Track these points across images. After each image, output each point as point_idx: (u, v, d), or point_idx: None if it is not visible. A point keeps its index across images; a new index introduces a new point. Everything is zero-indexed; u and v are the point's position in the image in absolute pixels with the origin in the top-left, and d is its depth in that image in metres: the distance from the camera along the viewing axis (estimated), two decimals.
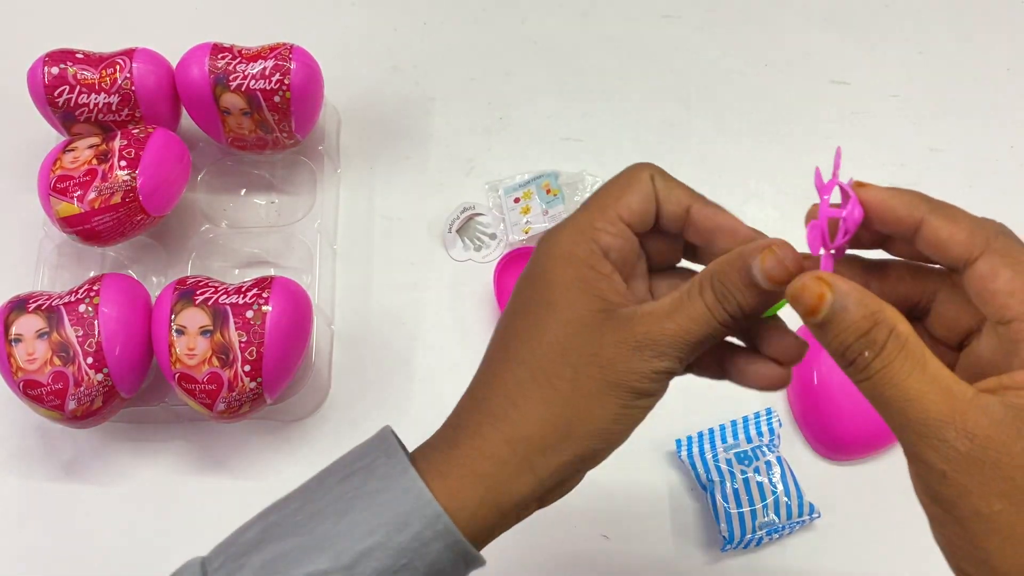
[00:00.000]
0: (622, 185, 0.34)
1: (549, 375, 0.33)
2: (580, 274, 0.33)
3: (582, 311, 0.33)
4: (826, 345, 0.29)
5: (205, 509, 0.57)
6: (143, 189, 0.57)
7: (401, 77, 0.71)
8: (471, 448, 0.33)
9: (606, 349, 0.32)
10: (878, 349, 0.28)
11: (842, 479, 0.58)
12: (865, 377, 0.28)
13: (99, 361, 0.53)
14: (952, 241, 0.29)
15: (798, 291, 0.29)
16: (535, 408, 0.33)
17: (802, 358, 0.36)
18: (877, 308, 0.28)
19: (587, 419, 0.32)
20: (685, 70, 0.72)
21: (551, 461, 0.33)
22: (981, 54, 0.73)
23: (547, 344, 0.33)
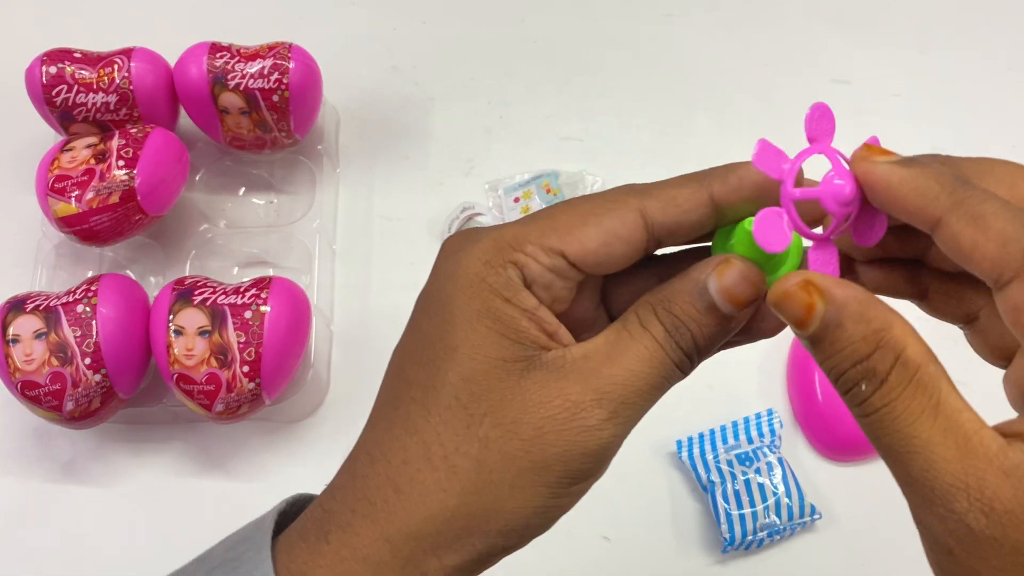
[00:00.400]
0: (587, 211, 0.25)
1: (447, 451, 0.24)
2: (490, 308, 0.25)
3: (493, 360, 0.24)
4: (818, 363, 0.23)
5: (203, 510, 0.57)
6: (141, 189, 0.56)
7: (400, 76, 0.71)
8: (342, 545, 0.25)
9: (530, 412, 0.24)
10: (878, 382, 0.22)
11: (844, 480, 0.58)
12: (862, 414, 0.22)
13: (97, 362, 0.52)
14: (977, 254, 0.22)
15: (780, 299, 0.23)
16: (425, 496, 0.24)
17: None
18: (882, 325, 0.22)
19: (498, 513, 0.24)
20: (686, 69, 0.71)
21: (447, 562, 0.25)
22: (983, 53, 0.73)
23: (444, 406, 0.24)
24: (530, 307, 0.25)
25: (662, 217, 0.25)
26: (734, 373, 0.60)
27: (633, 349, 0.24)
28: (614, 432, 0.24)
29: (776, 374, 0.61)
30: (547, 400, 0.24)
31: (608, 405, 0.24)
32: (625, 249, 0.25)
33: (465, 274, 0.25)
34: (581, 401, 0.24)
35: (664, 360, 0.25)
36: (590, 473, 0.25)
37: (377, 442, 0.26)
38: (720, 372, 0.61)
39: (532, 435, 0.24)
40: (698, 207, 0.25)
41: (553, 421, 0.24)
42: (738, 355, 0.66)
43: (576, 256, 0.25)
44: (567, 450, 0.24)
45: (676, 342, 0.25)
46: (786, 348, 0.61)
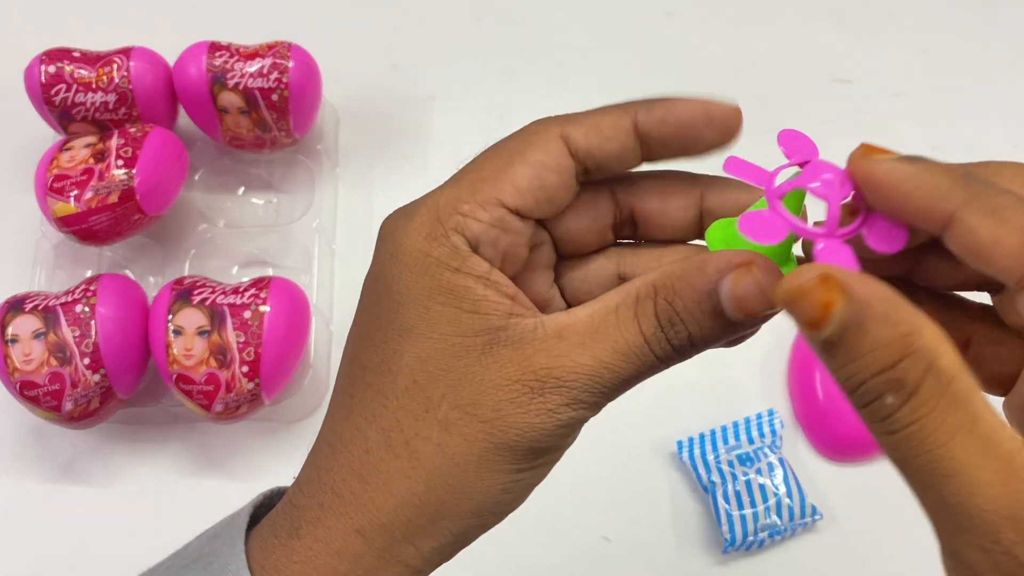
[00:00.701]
0: (511, 150, 0.24)
1: (408, 436, 0.23)
2: (440, 283, 0.23)
3: (449, 337, 0.23)
4: (831, 371, 0.20)
5: (202, 510, 0.57)
6: (140, 188, 0.56)
7: (400, 76, 0.70)
8: (314, 540, 0.24)
9: (488, 393, 0.23)
10: (907, 395, 0.19)
11: (845, 481, 0.58)
12: (886, 431, 0.19)
13: (96, 362, 0.52)
14: (997, 250, 0.19)
15: (792, 296, 0.20)
16: (391, 486, 0.23)
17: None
18: (911, 329, 0.19)
19: (465, 494, 0.23)
20: (687, 68, 0.71)
21: (423, 548, 0.24)
22: (985, 52, 0.73)
23: (401, 390, 0.23)
24: (482, 272, 0.23)
25: (585, 142, 0.24)
26: (735, 373, 0.60)
27: (613, 339, 0.23)
28: (573, 416, 0.23)
29: (777, 374, 0.60)
30: (508, 382, 0.23)
31: (568, 392, 0.23)
32: (557, 179, 0.24)
33: (408, 251, 0.24)
34: (542, 385, 0.23)
35: (645, 356, 0.23)
36: (554, 447, 0.24)
37: (337, 432, 0.25)
38: (721, 372, 0.61)
39: (491, 416, 0.23)
40: (620, 134, 0.24)
41: (512, 404, 0.23)
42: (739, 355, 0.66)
43: (512, 200, 0.24)
44: (525, 431, 0.23)
45: (667, 339, 0.23)
46: (787, 348, 0.61)
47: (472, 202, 0.24)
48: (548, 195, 0.24)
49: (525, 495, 0.25)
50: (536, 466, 0.24)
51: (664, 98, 0.24)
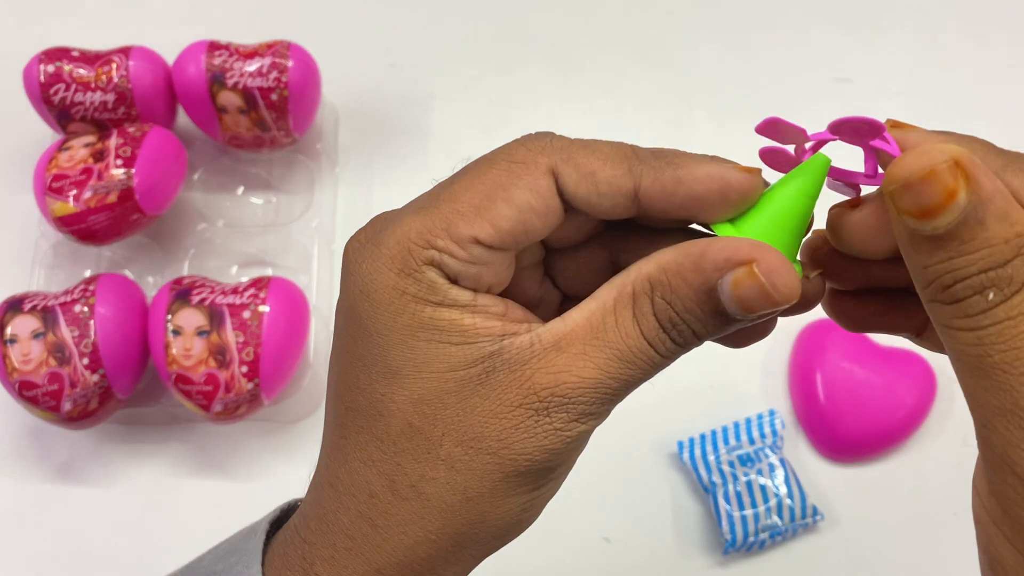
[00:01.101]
0: (493, 182, 0.22)
1: (413, 480, 0.22)
2: (422, 320, 0.22)
3: (441, 375, 0.22)
4: (923, 264, 0.19)
5: (201, 511, 0.57)
6: (139, 188, 0.56)
7: (400, 75, 0.70)
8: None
9: (491, 424, 0.22)
10: (1012, 291, 0.18)
11: (846, 481, 0.58)
12: (972, 326, 0.19)
13: (95, 362, 0.52)
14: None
15: (919, 176, 0.19)
16: (404, 527, 0.23)
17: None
18: (1023, 229, 0.18)
19: (483, 523, 0.23)
20: (687, 67, 0.71)
21: (446, 574, 0.24)
22: (987, 52, 0.72)
23: (397, 434, 0.22)
24: (466, 301, 0.22)
25: (574, 190, 0.22)
26: (736, 373, 0.60)
27: (614, 345, 0.21)
28: (583, 429, 0.22)
29: (778, 374, 0.60)
30: (509, 408, 0.21)
31: (575, 408, 0.22)
32: (543, 220, 0.22)
33: (380, 288, 0.22)
34: (546, 406, 0.21)
35: (652, 358, 0.22)
36: (567, 460, 0.23)
37: (336, 476, 0.24)
38: (722, 372, 0.61)
39: (497, 447, 0.22)
40: (617, 194, 0.22)
41: (517, 430, 0.22)
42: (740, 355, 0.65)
43: (491, 240, 0.22)
44: (535, 456, 0.22)
45: (671, 338, 0.22)
46: (788, 348, 0.60)
47: (447, 238, 0.22)
48: (531, 235, 0.22)
49: (544, 505, 0.24)
50: (551, 480, 0.23)
51: (674, 158, 0.22)
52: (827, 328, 0.59)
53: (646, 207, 0.22)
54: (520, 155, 0.22)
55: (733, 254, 0.21)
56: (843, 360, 0.57)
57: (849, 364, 0.57)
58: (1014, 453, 0.18)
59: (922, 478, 0.57)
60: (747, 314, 0.21)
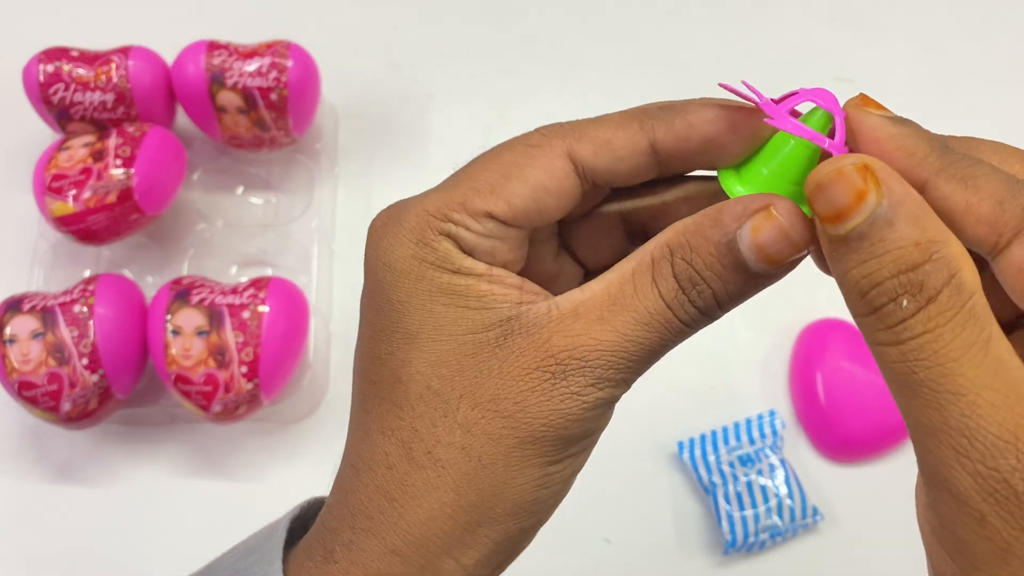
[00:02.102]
0: (509, 162, 0.23)
1: (429, 445, 0.22)
2: (440, 284, 0.22)
3: (459, 336, 0.22)
4: (842, 272, 0.19)
5: (201, 511, 0.57)
6: (139, 188, 0.56)
7: (399, 75, 0.70)
8: (350, 564, 0.23)
9: (508, 386, 0.22)
10: (925, 299, 0.18)
11: (846, 481, 0.58)
12: (892, 340, 0.18)
13: (94, 362, 0.52)
14: (971, 216, 0.19)
15: (830, 178, 0.19)
16: (419, 499, 0.22)
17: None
18: (939, 236, 0.18)
19: (499, 496, 0.22)
20: (688, 67, 0.71)
21: (465, 561, 0.23)
22: (987, 51, 0.72)
23: (416, 399, 0.22)
24: (482, 270, 0.22)
25: (593, 162, 0.23)
26: (736, 373, 0.60)
27: (633, 308, 0.21)
28: (600, 396, 0.22)
29: (778, 375, 0.60)
30: (527, 371, 0.21)
31: (592, 372, 0.21)
32: (557, 201, 0.23)
33: (400, 258, 0.23)
34: (563, 368, 0.21)
35: (669, 321, 0.21)
36: (586, 433, 0.22)
37: (357, 452, 0.24)
38: (722, 372, 0.61)
39: (513, 410, 0.21)
40: (635, 154, 0.23)
41: (534, 393, 0.21)
42: (740, 355, 0.66)
43: (504, 215, 0.22)
44: (551, 420, 0.22)
45: (691, 300, 0.21)
46: (788, 348, 0.60)
47: (463, 212, 0.22)
48: (544, 215, 0.23)
49: (564, 489, 0.23)
50: (570, 455, 0.23)
51: (682, 106, 0.23)
52: (827, 328, 0.59)
53: (664, 160, 0.23)
54: (535, 139, 0.23)
55: (750, 203, 0.21)
56: (843, 360, 0.57)
57: (849, 364, 0.57)
58: (946, 472, 0.18)
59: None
60: (766, 263, 0.21)
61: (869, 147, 0.21)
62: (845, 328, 0.58)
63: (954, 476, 0.18)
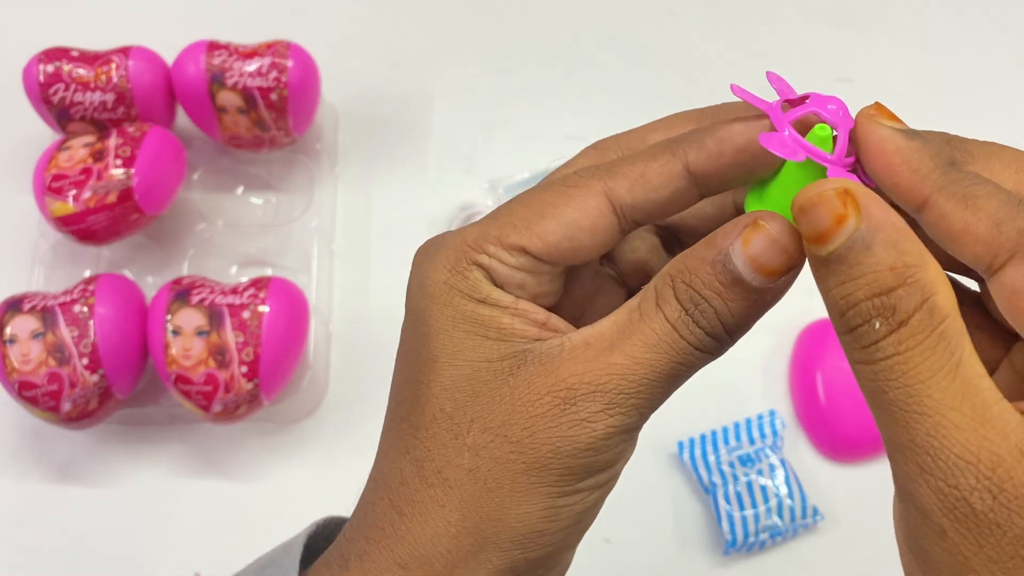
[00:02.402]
0: (546, 201, 0.23)
1: (439, 465, 0.23)
2: (464, 312, 0.23)
3: (474, 363, 0.23)
4: (824, 290, 0.20)
5: (201, 511, 0.57)
6: (139, 188, 0.56)
7: (400, 74, 0.70)
8: (361, 573, 0.24)
9: (519, 412, 0.22)
10: (896, 323, 0.19)
11: (846, 481, 0.58)
12: (865, 359, 0.20)
13: (94, 362, 0.52)
14: (968, 236, 0.20)
15: (810, 202, 0.20)
16: (426, 516, 0.23)
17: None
18: (916, 261, 0.19)
19: (503, 521, 0.22)
20: (688, 67, 0.71)
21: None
22: (987, 50, 0.72)
23: (430, 419, 0.23)
24: (508, 303, 0.23)
25: (631, 198, 0.23)
26: (736, 374, 0.60)
27: (640, 332, 0.22)
28: (611, 424, 0.22)
29: (778, 375, 0.60)
30: (537, 397, 0.22)
31: (603, 397, 0.21)
32: (592, 239, 0.23)
33: (433, 283, 0.23)
34: (573, 394, 0.21)
35: (676, 343, 0.22)
36: (595, 468, 0.22)
37: (379, 467, 0.25)
38: (722, 373, 0.60)
39: (521, 436, 0.22)
40: (671, 181, 0.23)
41: (543, 419, 0.22)
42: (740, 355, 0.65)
43: (538, 251, 0.23)
44: (559, 447, 0.22)
45: (695, 321, 0.22)
46: (788, 348, 0.60)
47: (498, 244, 0.23)
48: (579, 253, 0.23)
49: (577, 527, 0.23)
50: (581, 490, 0.23)
51: (710, 126, 0.23)
52: (827, 328, 0.59)
53: (702, 181, 0.23)
54: (572, 180, 0.23)
55: (740, 220, 0.22)
56: (843, 360, 0.57)
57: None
58: (912, 487, 0.19)
59: None
60: (761, 274, 0.21)
61: (875, 160, 0.21)
62: None
63: (919, 491, 0.19)
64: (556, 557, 0.24)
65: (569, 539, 0.23)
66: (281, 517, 0.39)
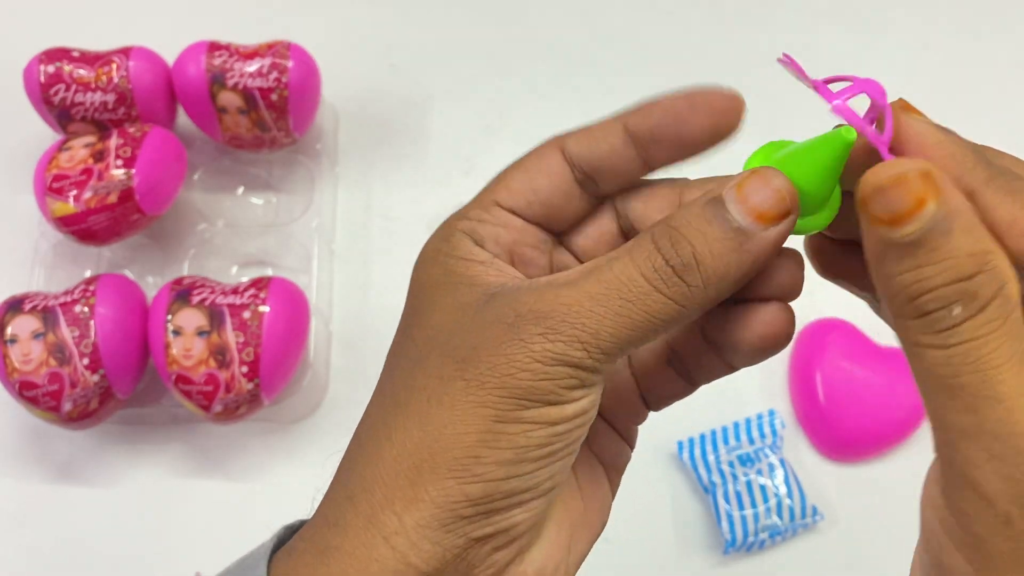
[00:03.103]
0: (514, 164, 0.26)
1: (396, 389, 0.23)
2: (446, 269, 0.24)
3: (450, 308, 0.23)
4: (890, 275, 0.20)
5: (201, 511, 0.57)
6: (139, 188, 0.56)
7: (400, 75, 0.70)
8: (319, 517, 0.24)
9: (468, 335, 0.22)
10: (976, 308, 0.18)
11: (846, 481, 0.58)
12: (938, 344, 0.19)
13: (95, 362, 0.52)
14: (1015, 229, 0.20)
15: (891, 181, 0.19)
16: (374, 439, 0.23)
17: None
18: (991, 247, 0.19)
19: (439, 442, 0.22)
20: (687, 67, 0.71)
21: (406, 520, 0.22)
22: (987, 50, 0.72)
23: (403, 356, 0.24)
24: (484, 259, 0.24)
25: (577, 149, 0.25)
26: (735, 374, 0.60)
27: (599, 272, 0.22)
28: (549, 348, 0.21)
29: (778, 374, 0.60)
30: (489, 323, 0.22)
31: (544, 322, 0.21)
32: (548, 181, 0.25)
33: (425, 253, 0.26)
34: (519, 320, 0.21)
35: (634, 282, 0.21)
36: (536, 396, 0.21)
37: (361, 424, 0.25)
38: None
39: (467, 355, 0.22)
40: (609, 135, 0.25)
41: (489, 340, 0.22)
42: None
43: (506, 200, 0.25)
44: (495, 363, 0.21)
45: (666, 258, 0.21)
46: (788, 348, 0.60)
47: (478, 207, 0.25)
48: (540, 197, 0.25)
49: (520, 466, 0.22)
50: (522, 420, 0.21)
51: (652, 98, 0.25)
52: (827, 328, 0.59)
53: (639, 141, 0.25)
54: (537, 146, 0.26)
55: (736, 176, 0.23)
56: (843, 360, 0.57)
57: (849, 364, 0.57)
58: (976, 473, 0.19)
59: (922, 478, 0.57)
60: (752, 217, 0.21)
61: (916, 152, 0.21)
62: (845, 328, 0.59)
63: (985, 478, 0.19)
64: (500, 509, 0.22)
65: (511, 483, 0.22)
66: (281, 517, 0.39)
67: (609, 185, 0.26)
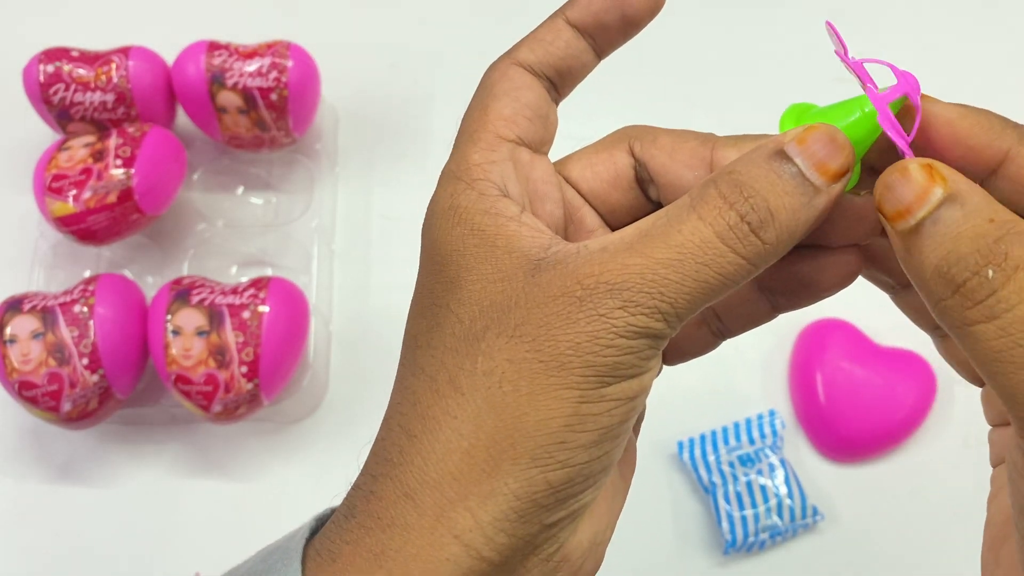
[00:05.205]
0: (479, 101, 0.25)
1: (452, 374, 0.21)
2: (472, 227, 0.22)
3: (489, 275, 0.21)
4: (919, 261, 0.19)
5: (201, 511, 0.57)
6: (139, 188, 0.56)
7: (400, 75, 0.70)
8: (366, 516, 0.21)
9: (534, 312, 0.20)
10: (1012, 267, 0.18)
11: (846, 481, 0.58)
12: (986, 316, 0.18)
13: (94, 362, 0.52)
14: None
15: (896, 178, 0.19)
16: (437, 431, 0.21)
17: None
18: (1010, 216, 0.19)
19: (520, 430, 0.20)
20: (687, 67, 0.71)
21: (481, 516, 0.20)
22: (986, 50, 0.72)
23: (448, 334, 0.22)
24: (513, 214, 0.22)
25: (534, 56, 0.25)
26: (736, 374, 0.60)
27: (665, 235, 0.20)
28: (631, 323, 0.20)
29: (778, 375, 0.60)
30: (551, 298, 0.20)
31: (621, 294, 0.20)
32: (532, 94, 0.25)
33: (438, 215, 0.23)
34: (589, 292, 0.20)
35: (709, 243, 0.20)
36: (619, 372, 0.20)
37: (392, 404, 0.23)
38: (722, 373, 0.61)
39: (537, 333, 0.20)
40: (558, 33, 0.26)
41: (559, 316, 0.20)
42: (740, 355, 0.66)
43: (507, 130, 0.24)
44: (578, 342, 0.20)
45: (742, 216, 0.20)
46: (788, 348, 0.60)
47: (478, 151, 0.24)
48: (533, 112, 0.25)
49: (604, 446, 0.21)
50: (606, 397, 0.20)
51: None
52: (827, 328, 0.59)
53: (585, 30, 0.26)
54: (483, 78, 0.26)
55: (798, 128, 0.22)
56: (843, 360, 0.57)
57: (849, 364, 0.57)
58: None
59: (922, 478, 0.57)
60: (819, 172, 0.20)
61: (943, 130, 0.21)
62: (845, 328, 0.59)
63: None
64: (576, 493, 0.21)
65: (591, 465, 0.21)
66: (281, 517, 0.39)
67: (568, 88, 0.26)
